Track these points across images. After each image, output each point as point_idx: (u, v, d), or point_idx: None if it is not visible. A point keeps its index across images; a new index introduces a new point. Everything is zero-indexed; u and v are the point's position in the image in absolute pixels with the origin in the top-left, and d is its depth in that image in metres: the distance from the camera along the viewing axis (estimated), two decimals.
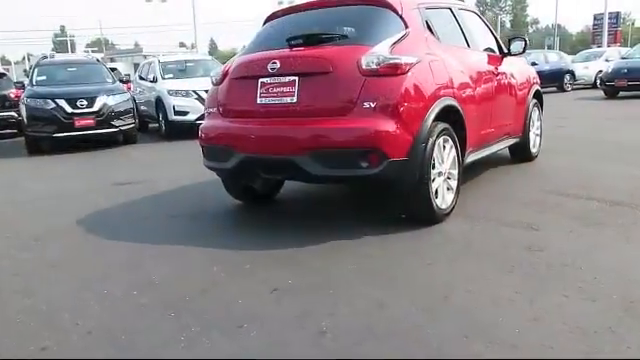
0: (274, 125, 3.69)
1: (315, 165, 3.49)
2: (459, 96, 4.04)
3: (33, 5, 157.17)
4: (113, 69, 13.05)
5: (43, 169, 7.91)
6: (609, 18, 33.75)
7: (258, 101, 3.78)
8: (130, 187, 5.89)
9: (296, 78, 3.62)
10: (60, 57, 17.09)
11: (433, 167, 3.69)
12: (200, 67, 12.11)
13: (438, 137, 3.70)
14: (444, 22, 4.42)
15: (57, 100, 9.24)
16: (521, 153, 5.91)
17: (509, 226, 3.70)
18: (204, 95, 10.16)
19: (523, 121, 5.68)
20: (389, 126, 3.40)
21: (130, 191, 5.62)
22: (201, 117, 10.34)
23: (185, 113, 10.32)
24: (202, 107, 10.13)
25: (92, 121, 9.33)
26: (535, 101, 5.99)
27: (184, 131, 10.41)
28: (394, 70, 3.47)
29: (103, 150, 9.40)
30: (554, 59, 21.14)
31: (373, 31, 3.77)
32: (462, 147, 4.11)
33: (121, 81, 11.01)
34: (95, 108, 9.36)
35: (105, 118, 9.43)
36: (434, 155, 3.68)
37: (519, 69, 5.62)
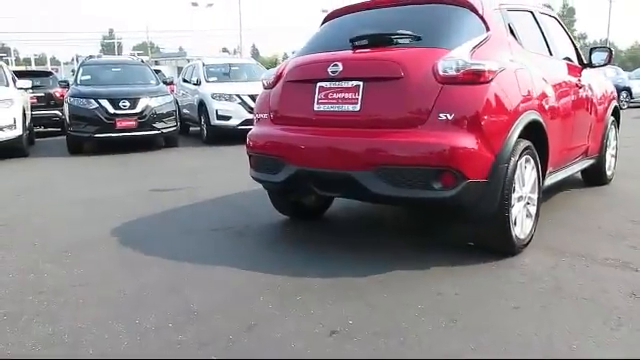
0: (332, 136, 3.27)
1: (378, 183, 3.04)
2: (543, 110, 3.53)
3: (84, 6, 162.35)
4: (157, 71, 12.91)
5: (82, 170, 7.70)
6: None
7: (315, 108, 3.37)
8: (169, 194, 5.57)
9: (360, 83, 3.19)
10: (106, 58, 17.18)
11: (513, 190, 3.19)
12: (244, 71, 11.88)
13: (520, 156, 3.21)
14: (526, 26, 3.92)
15: (100, 100, 9.07)
16: (596, 176, 5.32)
17: (601, 264, 3.16)
18: (248, 100, 9.91)
19: (601, 140, 5.11)
20: (468, 142, 2.93)
21: (169, 199, 5.29)
22: (244, 122, 10.31)
23: (228, 118, 10.04)
24: (245, 112, 9.96)
25: (134, 123, 9.12)
26: (613, 119, 5.40)
27: (226, 136, 10.17)
28: (476, 77, 3.00)
29: (143, 152, 9.17)
30: (611, 75, 20.12)
31: (450, 33, 3.30)
32: (543, 168, 3.59)
33: (165, 83, 10.81)
34: (137, 110, 9.16)
35: (147, 120, 9.21)
36: (515, 177, 3.18)
37: (598, 82, 5.06)
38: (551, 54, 4.18)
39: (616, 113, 5.52)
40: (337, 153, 3.20)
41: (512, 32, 3.59)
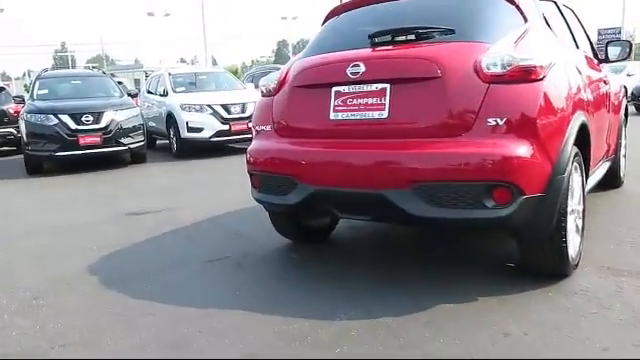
0: (356, 148, 2.77)
1: (417, 203, 2.56)
2: (585, 109, 3.13)
3: (34, 21, 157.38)
4: (119, 82, 12.15)
5: (44, 193, 6.96)
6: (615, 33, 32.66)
7: (331, 116, 2.87)
8: (148, 218, 4.95)
9: (387, 86, 2.71)
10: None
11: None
12: (212, 80, 11.29)
13: (572, 164, 2.79)
14: (555, 18, 3.53)
15: (60, 115, 8.30)
16: (611, 178, 4.98)
17: None
18: (220, 110, 9.37)
19: (616, 140, 4.78)
20: (524, 150, 2.48)
21: (149, 224, 4.68)
22: (217, 134, 9.72)
23: (199, 130, 9.42)
24: (218, 123, 9.38)
25: (98, 139, 8.39)
26: (624, 117, 5.09)
27: (198, 149, 9.55)
28: (526, 75, 2.56)
29: (110, 171, 8.44)
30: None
31: (486, 24, 2.87)
32: (585, 175, 3.19)
33: (129, 95, 10.11)
34: (102, 124, 8.43)
35: (112, 135, 8.49)
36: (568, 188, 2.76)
37: (612, 79, 4.73)
38: (577, 47, 3.80)
39: (625, 111, 5.22)
40: (364, 169, 2.71)
41: (547, 24, 3.18)
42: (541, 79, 2.57)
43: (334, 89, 2.87)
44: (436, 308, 2.60)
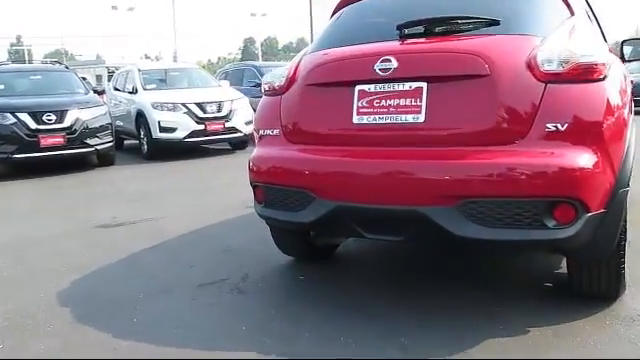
0: (387, 158, 2.35)
1: (464, 223, 2.16)
2: (631, 111, 2.80)
3: None
4: (83, 78, 11.42)
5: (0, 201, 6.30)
6: None
7: (355, 120, 2.44)
8: (123, 231, 4.42)
9: (424, 85, 2.29)
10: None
11: None
12: (185, 77, 10.69)
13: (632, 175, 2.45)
14: (589, 12, 3.19)
15: (18, 114, 7.58)
16: None
17: None
18: (195, 109, 8.87)
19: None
20: (589, 160, 2.11)
21: (124, 238, 4.16)
22: (191, 134, 9.14)
23: (172, 130, 8.84)
24: (192, 123, 8.82)
25: (62, 139, 7.72)
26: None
27: (170, 151, 8.99)
28: (588, 73, 2.19)
29: (75, 174, 7.77)
30: None
31: (533, 15, 2.50)
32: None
33: (95, 92, 9.44)
34: (65, 124, 7.75)
35: (77, 136, 7.83)
36: None
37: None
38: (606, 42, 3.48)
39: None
40: (398, 182, 2.29)
41: (589, 17, 2.84)
42: (603, 79, 2.21)
43: (358, 88, 2.44)
44: (481, 345, 2.22)
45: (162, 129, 8.83)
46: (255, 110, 3.06)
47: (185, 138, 8.87)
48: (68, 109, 7.88)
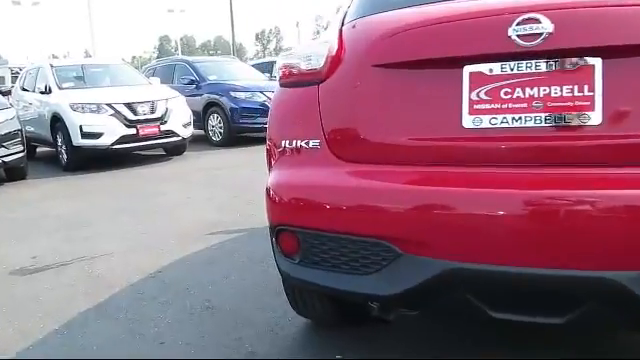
0: (539, 187, 1.39)
1: None
2: None
3: None
4: None
5: None
6: None
7: (466, 123, 1.49)
8: (49, 279, 3.21)
9: (597, 62, 1.37)
10: None
11: None
12: (108, 74, 9.25)
13: None
14: None
15: None
16: None
17: None
18: (124, 110, 7.62)
19: None
20: None
21: (53, 291, 2.98)
22: (121, 140, 7.77)
23: (97, 135, 7.45)
24: (121, 126, 7.52)
25: None
26: None
27: (94, 160, 7.58)
28: None
29: None
30: None
31: None
32: None
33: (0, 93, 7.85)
34: None
35: None
36: None
37: None
38: None
39: None
40: (568, 232, 1.34)
41: None
42: None
43: (469, 70, 1.48)
44: None
45: (85, 135, 7.42)
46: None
47: (113, 145, 7.52)
48: None
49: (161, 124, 7.87)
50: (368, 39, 1.66)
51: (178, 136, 8.13)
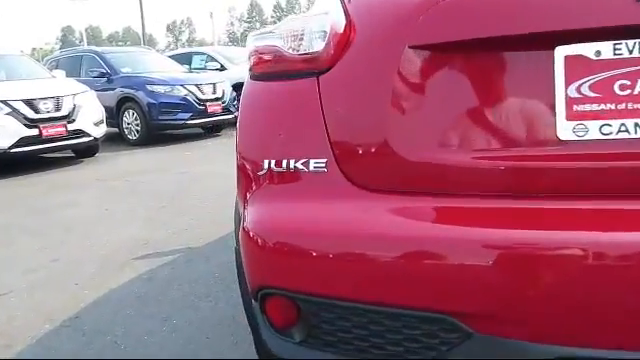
0: None
1: None
2: None
3: None
4: None
5: None
6: None
7: (561, 132, 0.98)
8: None
9: None
10: None
11: None
12: (2, 67, 8.06)
13: None
14: None
15: None
16: None
17: None
18: (23, 108, 6.69)
19: None
20: None
21: None
22: (19, 143, 6.71)
23: None
24: (20, 127, 6.53)
25: None
26: None
27: None
28: None
29: None
30: None
31: None
32: None
33: None
34: None
35: None
36: None
37: None
38: None
39: None
40: None
41: None
42: None
43: (564, 52, 0.98)
44: None
45: None
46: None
47: (11, 148, 6.49)
48: None
49: (68, 123, 6.95)
50: (399, 7, 1.11)
51: (89, 136, 7.26)
